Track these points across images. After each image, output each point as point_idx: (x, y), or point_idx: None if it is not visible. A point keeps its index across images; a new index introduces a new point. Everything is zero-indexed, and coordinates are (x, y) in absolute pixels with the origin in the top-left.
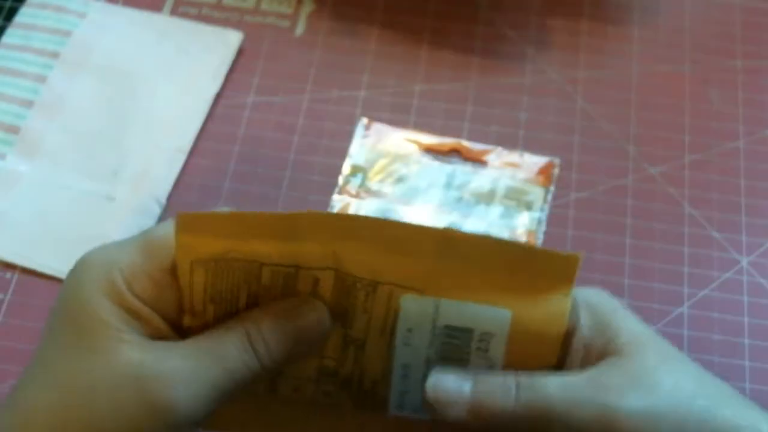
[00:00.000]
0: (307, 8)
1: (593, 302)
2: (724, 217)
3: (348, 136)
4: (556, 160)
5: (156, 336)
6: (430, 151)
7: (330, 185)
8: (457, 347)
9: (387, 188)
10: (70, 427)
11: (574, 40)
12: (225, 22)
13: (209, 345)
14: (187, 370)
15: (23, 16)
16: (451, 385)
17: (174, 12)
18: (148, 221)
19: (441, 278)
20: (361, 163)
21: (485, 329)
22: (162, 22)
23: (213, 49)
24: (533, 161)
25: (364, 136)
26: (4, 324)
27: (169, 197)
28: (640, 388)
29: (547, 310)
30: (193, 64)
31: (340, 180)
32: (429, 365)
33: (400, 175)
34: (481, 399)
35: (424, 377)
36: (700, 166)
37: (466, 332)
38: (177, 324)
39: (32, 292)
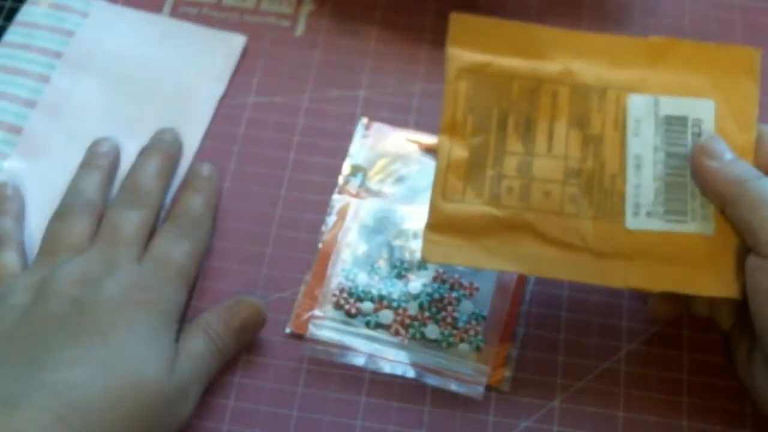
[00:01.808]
0: (307, 8)
1: None
2: None
3: (348, 136)
4: None
5: None
6: (430, 151)
7: (330, 185)
8: (676, 134)
9: (387, 188)
10: None
11: None
12: (225, 22)
13: (183, 345)
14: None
15: (25, 14)
16: (715, 147)
17: (174, 12)
18: None
19: (655, 79)
20: (361, 162)
21: (696, 116)
22: (165, 24)
23: (217, 53)
24: None
25: (364, 136)
26: None
27: (173, 200)
28: None
29: (741, 95)
30: (197, 68)
31: (340, 180)
32: (656, 153)
33: (400, 175)
34: (726, 170)
35: (653, 165)
36: None
37: (682, 120)
38: None
39: None
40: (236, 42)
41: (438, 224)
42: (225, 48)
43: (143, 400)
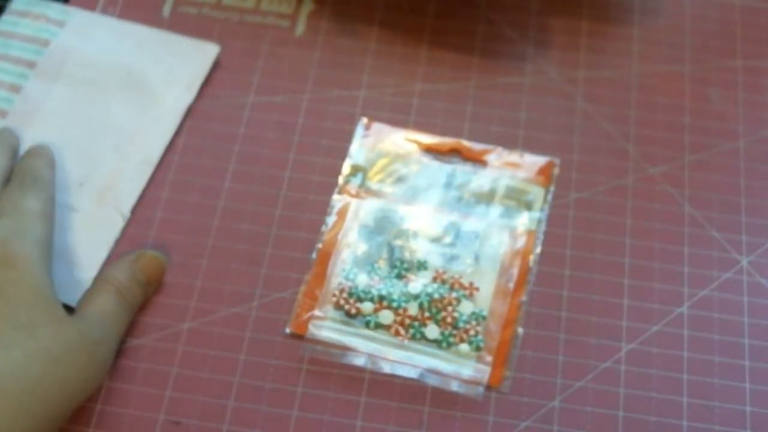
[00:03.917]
0: (307, 8)
1: None
2: (724, 217)
3: (348, 136)
4: (556, 160)
5: None
6: (430, 150)
7: (330, 185)
8: None
9: (387, 188)
10: None
11: (574, 40)
12: (225, 22)
13: (96, 303)
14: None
15: (4, 24)
16: None
17: (174, 11)
18: (110, 233)
19: None
20: (361, 162)
21: None
22: (140, 32)
23: (189, 61)
24: (533, 161)
25: (364, 136)
26: None
27: (134, 209)
28: None
29: None
30: (168, 76)
31: (340, 180)
32: None
33: (400, 175)
34: None
35: None
36: (700, 166)
37: None
38: None
39: None
40: (210, 51)
41: None
42: (198, 56)
43: (51, 365)
